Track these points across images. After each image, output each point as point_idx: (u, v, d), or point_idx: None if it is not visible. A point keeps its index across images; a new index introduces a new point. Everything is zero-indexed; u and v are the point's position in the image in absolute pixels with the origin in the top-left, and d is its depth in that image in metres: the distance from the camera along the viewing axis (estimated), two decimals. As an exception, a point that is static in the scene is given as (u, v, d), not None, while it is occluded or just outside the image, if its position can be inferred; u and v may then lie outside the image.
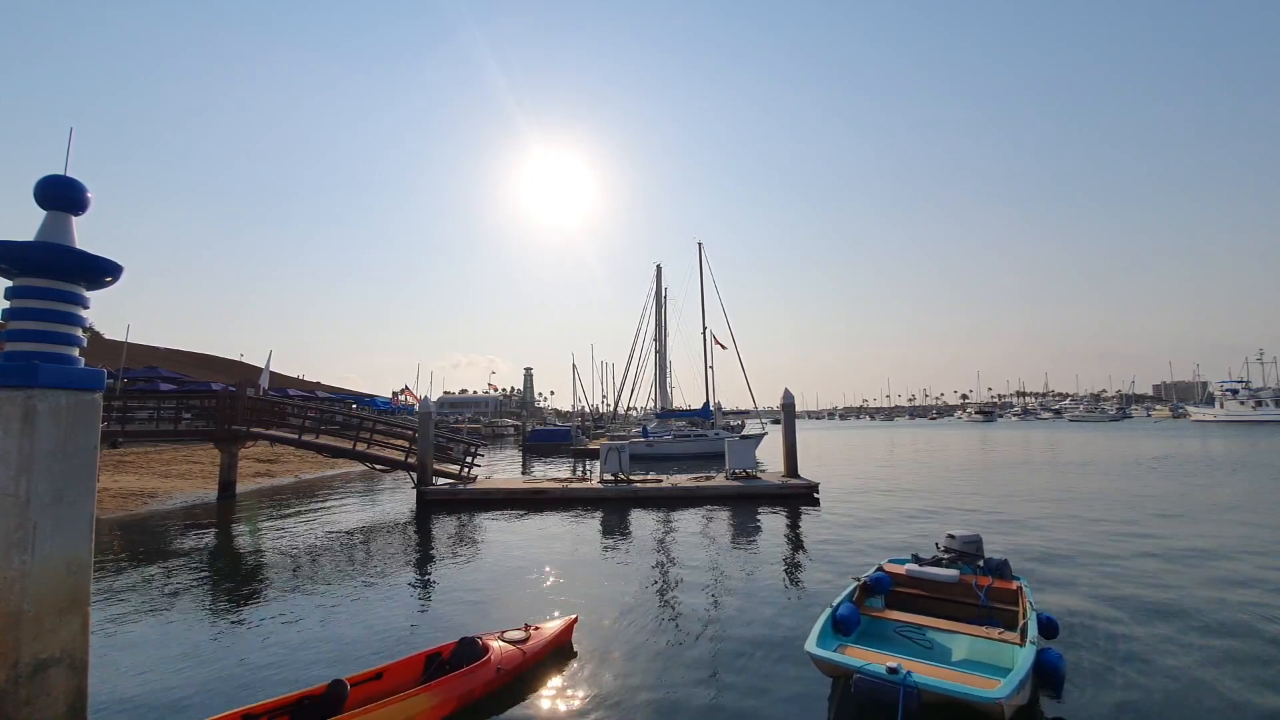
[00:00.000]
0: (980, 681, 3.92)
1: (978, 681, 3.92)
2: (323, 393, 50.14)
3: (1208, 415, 70.01)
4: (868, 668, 3.95)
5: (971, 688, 3.77)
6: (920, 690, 3.75)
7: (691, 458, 30.20)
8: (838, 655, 4.28)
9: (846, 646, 4.59)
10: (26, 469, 3.26)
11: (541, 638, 5.34)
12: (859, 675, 3.92)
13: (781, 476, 16.38)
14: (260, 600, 7.46)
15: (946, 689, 3.78)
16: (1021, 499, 14.91)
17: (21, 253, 3.39)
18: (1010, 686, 3.73)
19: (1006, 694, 3.66)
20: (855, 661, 4.09)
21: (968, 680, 3.95)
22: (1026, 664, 4.07)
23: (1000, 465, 24.33)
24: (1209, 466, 21.73)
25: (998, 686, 3.77)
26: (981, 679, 3.99)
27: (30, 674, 3.23)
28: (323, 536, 11.50)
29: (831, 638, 4.72)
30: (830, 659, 4.24)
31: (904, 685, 3.74)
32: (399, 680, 4.55)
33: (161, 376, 33.83)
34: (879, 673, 3.87)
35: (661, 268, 42.75)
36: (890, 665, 3.90)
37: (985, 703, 3.66)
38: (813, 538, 10.64)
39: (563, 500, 15.08)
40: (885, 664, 3.94)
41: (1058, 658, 4.34)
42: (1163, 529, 10.89)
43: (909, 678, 3.78)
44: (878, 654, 4.31)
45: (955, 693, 3.75)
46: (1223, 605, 6.63)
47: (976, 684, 3.86)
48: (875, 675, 3.87)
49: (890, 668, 3.87)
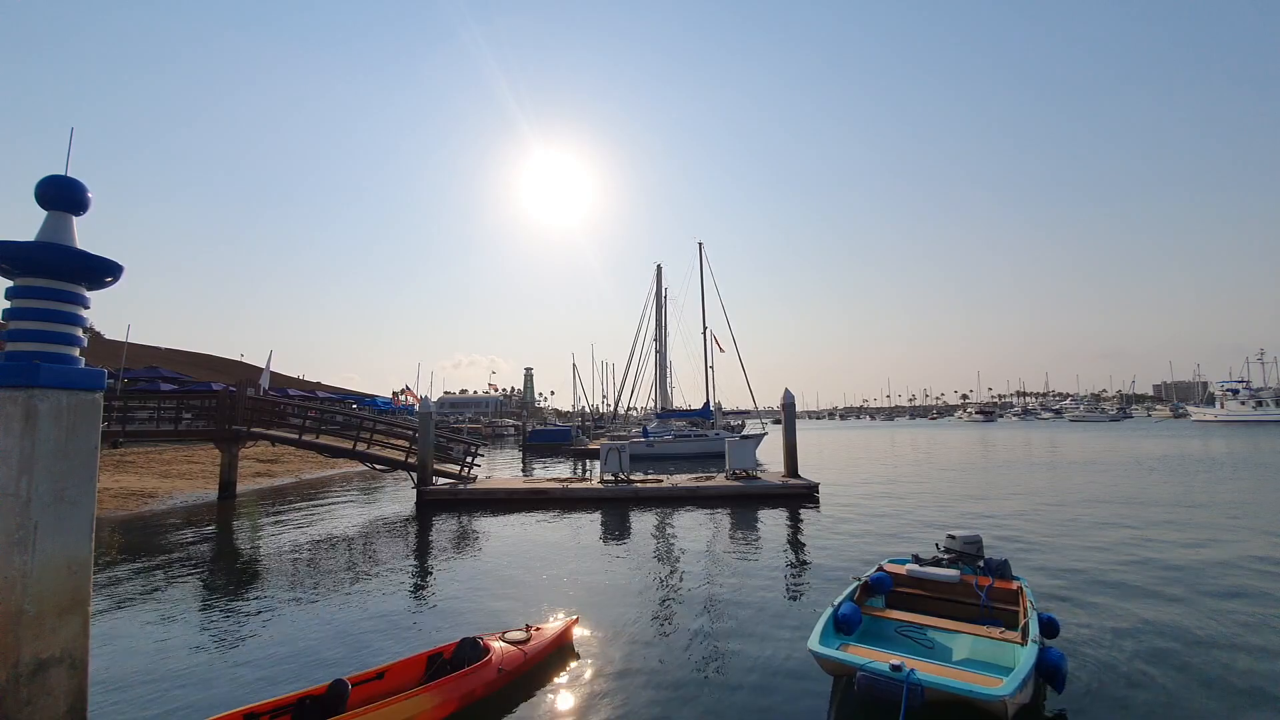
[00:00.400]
0: (983, 679, 3.92)
1: (981, 679, 3.92)
2: (323, 393, 50.16)
3: (1209, 415, 69.95)
4: (870, 665, 3.95)
5: (975, 685, 3.77)
6: (924, 688, 3.75)
7: (691, 458, 30.20)
8: (840, 653, 4.29)
9: (848, 645, 4.59)
10: (27, 469, 3.26)
11: (543, 638, 5.34)
12: (862, 673, 3.92)
13: (781, 476, 16.38)
14: (260, 600, 7.46)
15: (950, 686, 3.78)
16: (1022, 499, 14.90)
17: (22, 253, 3.40)
18: (1013, 684, 3.74)
19: (1010, 691, 3.66)
20: (858, 659, 4.09)
21: (971, 678, 3.95)
22: (1029, 662, 4.06)
23: (1000, 465, 24.32)
24: (1210, 466, 21.71)
25: (1001, 684, 3.77)
26: (984, 677, 3.99)
27: (31, 674, 3.23)
28: (323, 536, 11.50)
29: (833, 636, 4.73)
30: (832, 657, 4.24)
31: (907, 683, 3.74)
32: (400, 680, 4.55)
33: (162, 376, 33.86)
34: (882, 670, 3.87)
35: (662, 268, 42.79)
36: (894, 663, 3.90)
37: (989, 700, 3.66)
38: (813, 538, 10.64)
39: (563, 500, 15.08)
40: (889, 662, 3.94)
41: (1060, 657, 4.34)
42: (1165, 528, 10.88)
43: (912, 675, 3.78)
44: (880, 652, 4.31)
45: (959, 690, 3.75)
46: (1227, 604, 6.63)
47: (980, 682, 3.86)
48: (878, 673, 3.87)
49: (894, 665, 3.87)
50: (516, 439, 56.77)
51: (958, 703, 3.79)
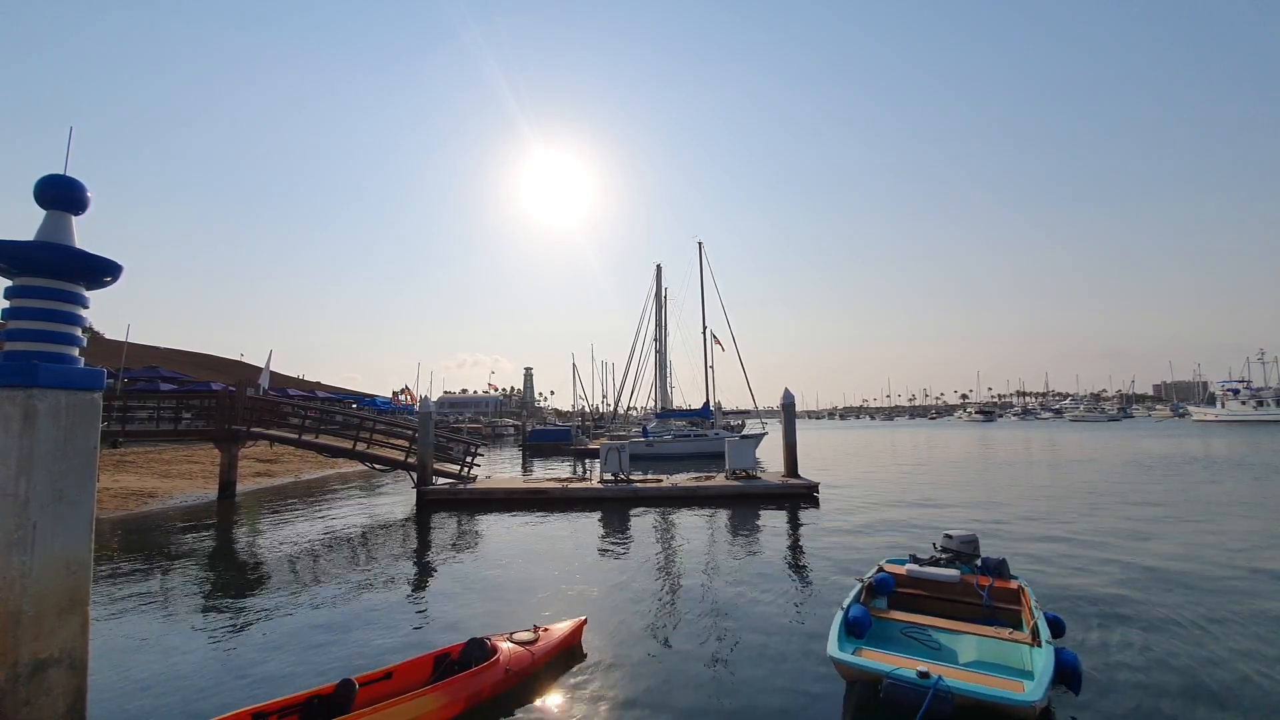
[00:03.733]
0: (1008, 684, 3.89)
1: (1006, 684, 3.89)
2: (322, 392, 50.09)
3: (1209, 415, 69.95)
4: (898, 672, 3.91)
5: (1006, 691, 3.74)
6: (952, 694, 3.71)
7: (691, 458, 30.17)
8: (862, 660, 4.25)
9: (863, 649, 4.54)
10: (26, 469, 3.26)
11: (550, 639, 5.30)
12: (889, 680, 3.88)
13: (781, 476, 16.38)
14: (260, 600, 7.45)
15: (979, 693, 3.75)
16: (1021, 498, 14.89)
17: (21, 252, 3.39)
18: (1042, 689, 3.74)
19: (1040, 697, 3.66)
20: (884, 666, 4.03)
21: (996, 683, 3.91)
22: (1050, 665, 4.03)
23: (1000, 465, 24.30)
24: (1211, 466, 21.70)
25: (1029, 689, 3.75)
26: (1008, 681, 3.96)
27: (30, 674, 3.23)
28: (323, 536, 11.49)
29: (848, 641, 4.68)
30: (854, 664, 4.20)
31: (935, 689, 3.71)
32: (408, 680, 4.55)
33: (162, 376, 33.82)
34: (910, 677, 3.83)
35: (661, 267, 42.75)
36: (920, 669, 3.86)
37: (1020, 706, 3.63)
38: (813, 537, 10.63)
39: (563, 500, 15.08)
40: (915, 668, 3.89)
41: (1075, 658, 4.28)
42: (1166, 528, 10.88)
43: (940, 682, 3.75)
44: (902, 658, 4.26)
45: (988, 696, 3.71)
46: (1233, 604, 6.62)
47: (1007, 687, 3.82)
48: (906, 680, 3.84)
49: (921, 672, 3.84)
50: (516, 439, 56.77)
51: (983, 709, 3.75)
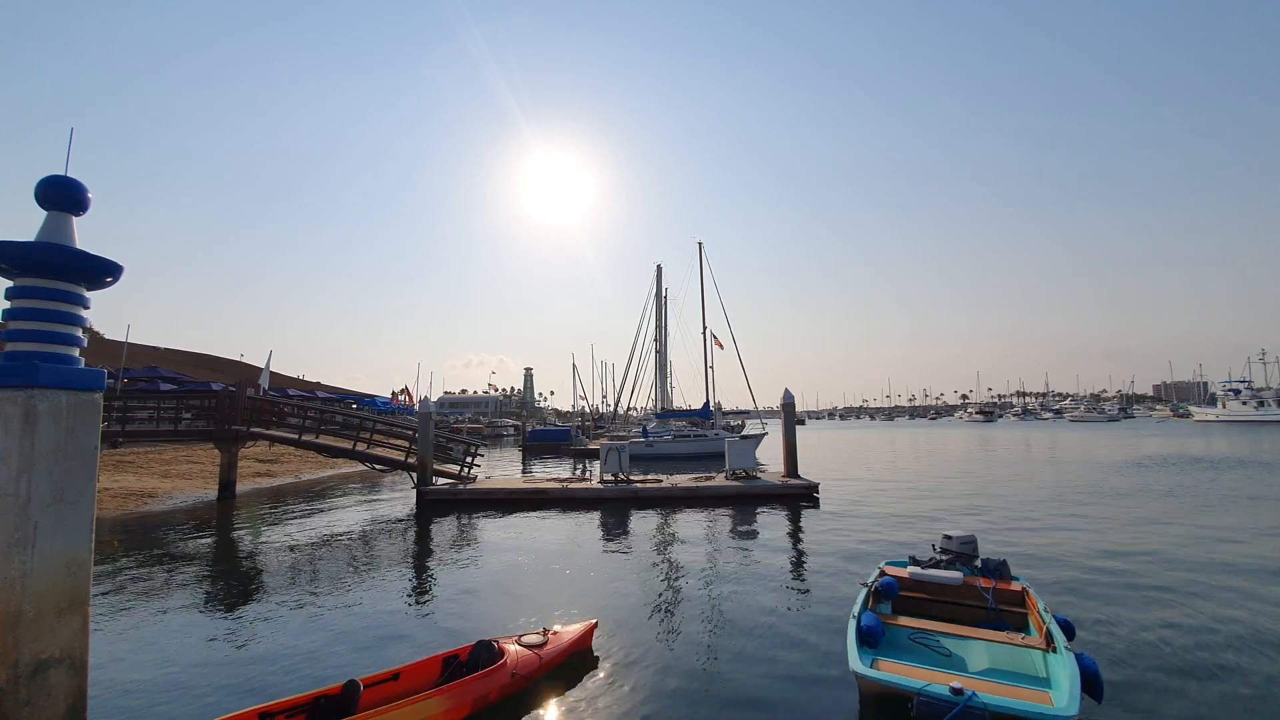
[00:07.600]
0: (1037, 695, 3.81)
1: (1036, 696, 3.81)
2: (322, 393, 50.04)
3: (1210, 415, 69.96)
4: (930, 689, 3.78)
5: (1040, 705, 3.64)
6: (988, 710, 3.61)
7: (691, 458, 30.18)
8: (888, 675, 4.11)
9: (879, 661, 4.42)
10: (27, 469, 3.26)
11: (559, 643, 5.24)
12: (922, 697, 3.75)
13: (781, 476, 16.38)
14: (260, 600, 7.45)
15: (1014, 709, 3.63)
16: (1021, 498, 14.88)
17: (22, 253, 3.39)
18: (1075, 700, 3.65)
19: (1076, 709, 3.57)
20: (914, 682, 3.89)
21: (1029, 696, 3.81)
22: (1076, 673, 3.95)
23: (1000, 465, 24.30)
24: (1211, 466, 21.69)
25: (1059, 700, 3.69)
26: (1036, 692, 3.89)
27: (30, 674, 3.22)
28: (323, 537, 11.50)
29: (864, 652, 4.53)
30: (879, 679, 4.06)
31: (970, 705, 3.61)
32: (416, 682, 4.53)
33: (162, 376, 33.78)
34: (943, 694, 3.71)
35: (661, 268, 42.83)
36: (954, 685, 3.75)
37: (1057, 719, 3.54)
38: (814, 538, 10.63)
39: (563, 500, 15.09)
40: (948, 684, 3.79)
41: (1094, 663, 4.18)
42: (1168, 527, 10.87)
43: (975, 698, 3.66)
44: (927, 671, 4.14)
45: (1024, 712, 3.60)
46: (1240, 605, 6.61)
47: (1038, 699, 3.74)
48: (939, 697, 3.71)
49: (954, 688, 3.73)
50: (516, 439, 56.75)
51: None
